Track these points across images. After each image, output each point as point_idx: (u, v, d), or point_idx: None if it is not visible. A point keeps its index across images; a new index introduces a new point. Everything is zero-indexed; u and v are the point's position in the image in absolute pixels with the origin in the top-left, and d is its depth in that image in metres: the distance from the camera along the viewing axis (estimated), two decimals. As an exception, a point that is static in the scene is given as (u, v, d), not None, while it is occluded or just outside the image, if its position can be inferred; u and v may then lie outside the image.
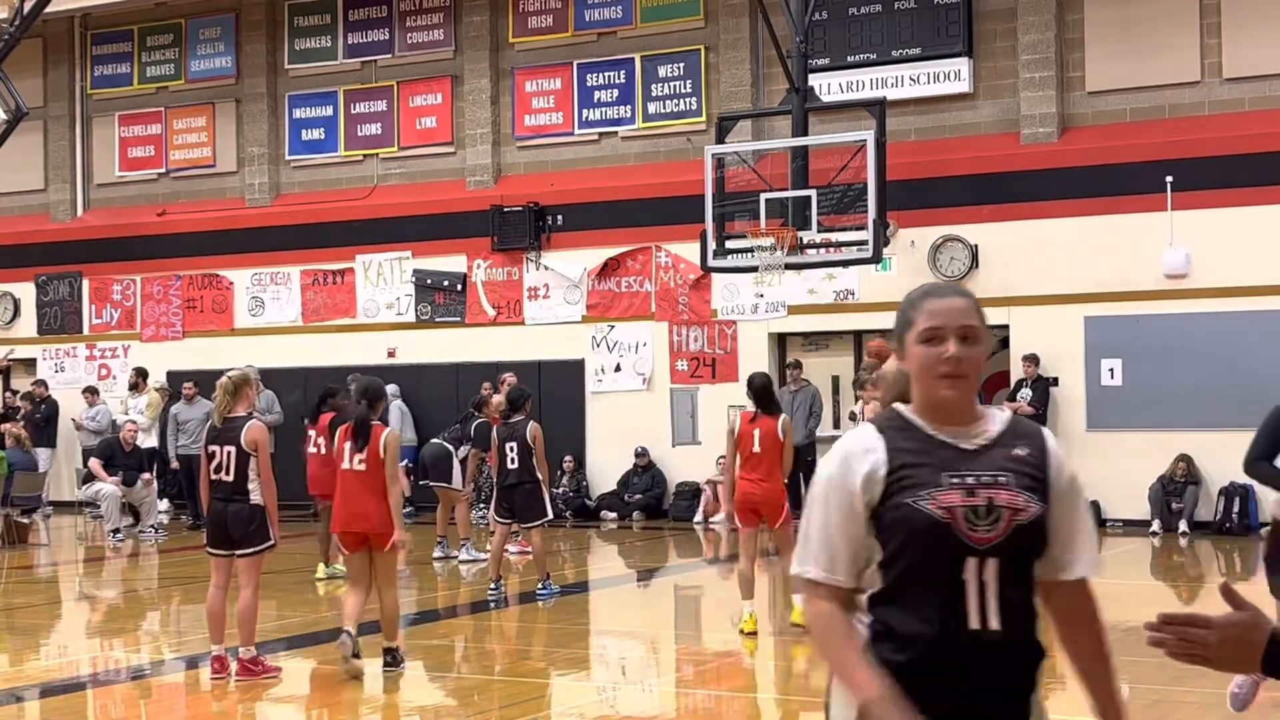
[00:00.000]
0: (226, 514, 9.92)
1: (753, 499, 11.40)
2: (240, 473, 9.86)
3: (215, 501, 10.00)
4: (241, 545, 9.93)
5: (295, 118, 24.78)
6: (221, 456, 9.88)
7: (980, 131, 20.35)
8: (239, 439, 9.86)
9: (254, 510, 9.92)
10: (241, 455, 9.86)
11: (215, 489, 9.98)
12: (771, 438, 11.45)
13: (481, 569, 15.34)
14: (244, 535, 9.90)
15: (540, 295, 22.51)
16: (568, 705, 9.42)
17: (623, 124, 22.42)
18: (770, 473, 11.47)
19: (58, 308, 26.16)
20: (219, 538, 10.00)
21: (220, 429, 9.96)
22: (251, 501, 9.92)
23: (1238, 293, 18.55)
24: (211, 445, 9.98)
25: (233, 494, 9.89)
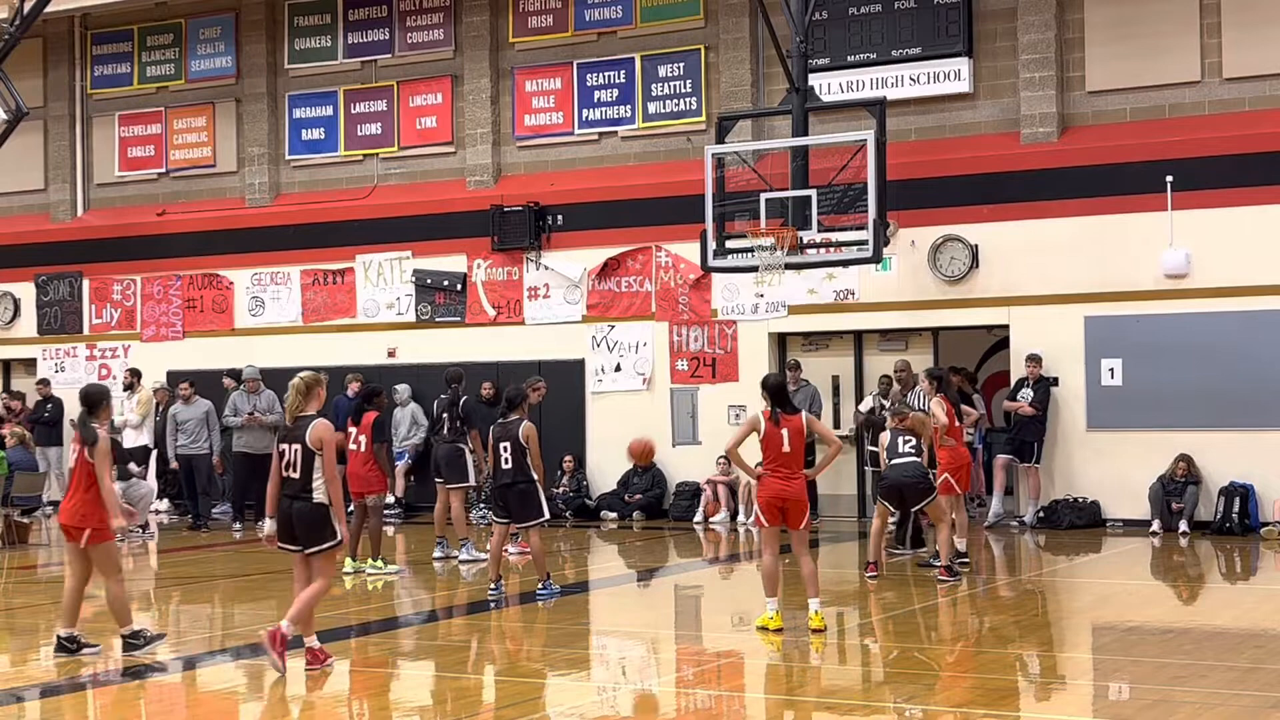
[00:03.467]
0: (291, 511, 10.23)
1: (785, 496, 11.46)
2: (306, 470, 10.15)
3: (283, 499, 10.31)
4: (308, 544, 10.23)
5: (295, 117, 24.79)
6: (290, 454, 10.21)
7: (980, 131, 20.36)
8: (304, 438, 10.16)
9: (316, 508, 10.18)
10: (307, 453, 10.15)
11: (284, 486, 10.29)
12: (799, 436, 11.54)
13: (481, 569, 15.34)
14: (308, 534, 10.20)
15: (540, 295, 22.51)
16: (567, 705, 9.42)
17: (623, 124, 22.42)
18: (798, 469, 11.59)
19: (58, 308, 26.16)
20: (285, 535, 10.34)
21: (290, 428, 10.30)
22: (315, 500, 10.17)
23: (1238, 292, 18.56)
24: (282, 444, 10.31)
25: (299, 492, 10.20)
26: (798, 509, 11.53)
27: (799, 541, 11.73)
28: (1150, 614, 13.29)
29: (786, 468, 11.53)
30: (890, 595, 13.82)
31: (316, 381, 10.45)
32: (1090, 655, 11.18)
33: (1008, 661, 10.69)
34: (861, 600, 13.65)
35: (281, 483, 10.31)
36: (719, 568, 17.48)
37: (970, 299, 19.96)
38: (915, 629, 12.40)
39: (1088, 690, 9.93)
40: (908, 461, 14.35)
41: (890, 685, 9.90)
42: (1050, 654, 11.14)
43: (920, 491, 14.38)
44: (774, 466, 11.56)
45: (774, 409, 11.64)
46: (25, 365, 26.57)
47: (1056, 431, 19.51)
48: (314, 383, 10.41)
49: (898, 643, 11.72)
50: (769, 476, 11.59)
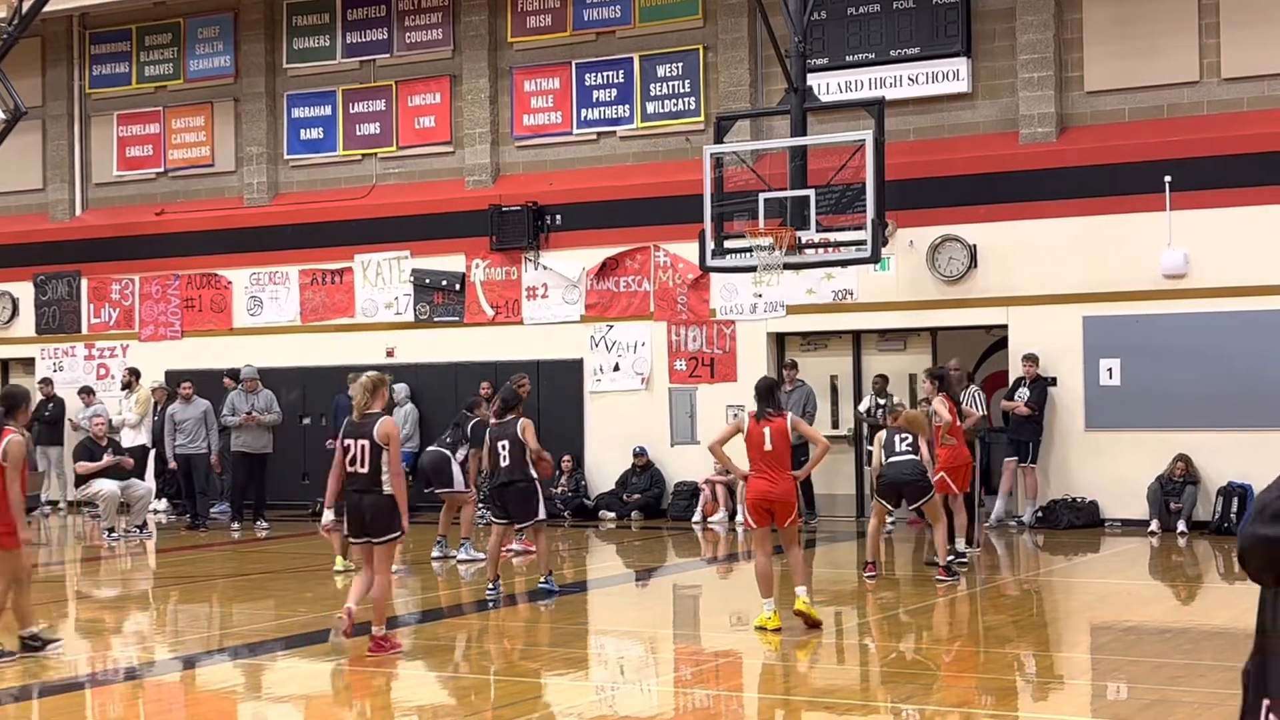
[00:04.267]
0: (362, 504, 10.65)
1: (770, 497, 11.46)
2: (373, 465, 10.58)
3: (350, 493, 10.73)
4: (376, 534, 10.63)
5: (294, 117, 24.78)
6: (356, 450, 10.63)
7: (979, 131, 20.36)
8: (372, 433, 10.58)
9: (387, 500, 10.61)
10: (375, 449, 10.57)
11: (350, 481, 10.71)
12: (782, 436, 11.55)
13: (479, 569, 15.34)
14: (377, 525, 10.60)
15: (539, 295, 22.51)
16: (566, 705, 9.42)
17: (621, 123, 22.42)
18: (783, 471, 11.57)
19: (56, 307, 26.16)
20: (354, 527, 10.79)
21: (357, 424, 10.70)
22: (384, 492, 10.59)
23: (1236, 293, 18.56)
24: (347, 439, 10.72)
25: (369, 485, 10.61)
26: (784, 509, 11.53)
27: (788, 538, 11.75)
28: (1148, 614, 13.29)
29: (770, 468, 11.53)
30: (888, 595, 13.82)
31: (381, 381, 10.92)
32: (1088, 655, 11.19)
33: (1006, 661, 10.69)
34: (859, 600, 13.66)
35: (345, 477, 10.73)
36: (717, 567, 17.49)
37: (969, 299, 19.96)
38: (913, 629, 12.40)
39: (1086, 690, 9.93)
40: (905, 460, 14.36)
41: (888, 685, 9.91)
42: (1048, 654, 11.15)
43: (918, 490, 14.38)
44: (757, 467, 11.59)
45: (759, 407, 11.67)
46: (24, 365, 26.56)
47: (1055, 431, 19.51)
48: (379, 382, 10.87)
49: (895, 643, 11.73)
50: (754, 477, 11.61)
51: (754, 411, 11.71)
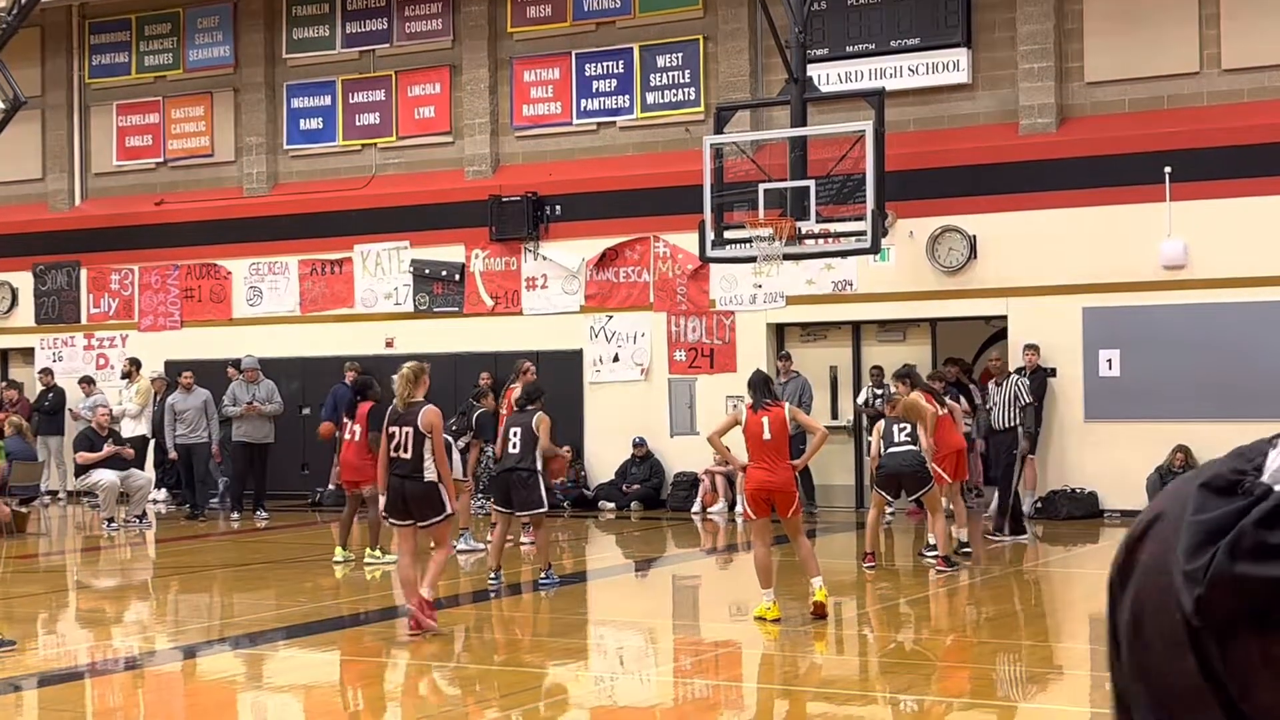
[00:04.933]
0: (405, 490, 11.05)
1: (769, 486, 11.44)
2: (417, 452, 10.99)
3: (394, 478, 11.12)
4: (422, 518, 11.05)
5: (293, 107, 24.77)
6: (400, 437, 11.04)
7: (979, 122, 20.35)
8: (416, 421, 10.98)
9: (429, 486, 11.01)
10: (419, 436, 10.97)
11: (394, 466, 11.10)
12: (780, 425, 11.54)
13: (480, 559, 15.35)
14: (421, 510, 11.02)
15: (538, 285, 22.51)
16: (566, 695, 9.43)
17: (621, 114, 22.41)
18: (782, 460, 11.55)
19: (55, 297, 26.15)
20: (400, 510, 11.13)
21: (401, 413, 11.11)
22: (426, 479, 11.00)
23: (1236, 284, 18.56)
24: (392, 427, 11.13)
25: (411, 471, 11.02)
26: (785, 499, 11.51)
27: (792, 529, 11.73)
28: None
29: (769, 458, 11.51)
30: (887, 585, 13.84)
31: (422, 370, 11.32)
32: (1087, 646, 11.20)
33: (1005, 652, 10.71)
34: (859, 591, 13.67)
35: (389, 463, 11.09)
36: (716, 558, 17.50)
37: (968, 290, 19.96)
38: (912, 619, 12.42)
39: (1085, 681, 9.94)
40: (905, 450, 14.35)
41: (887, 675, 9.92)
42: (1047, 644, 11.16)
43: (918, 480, 14.38)
44: (756, 457, 11.57)
45: (755, 398, 11.69)
46: (23, 355, 26.56)
47: (1054, 422, 19.52)
48: (420, 371, 11.28)
49: (894, 633, 11.74)
50: (753, 467, 11.60)
51: (750, 403, 11.72)
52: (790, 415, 11.77)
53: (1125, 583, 1.10)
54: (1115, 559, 1.12)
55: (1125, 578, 1.11)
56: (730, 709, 9.12)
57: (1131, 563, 1.11)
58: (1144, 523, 1.10)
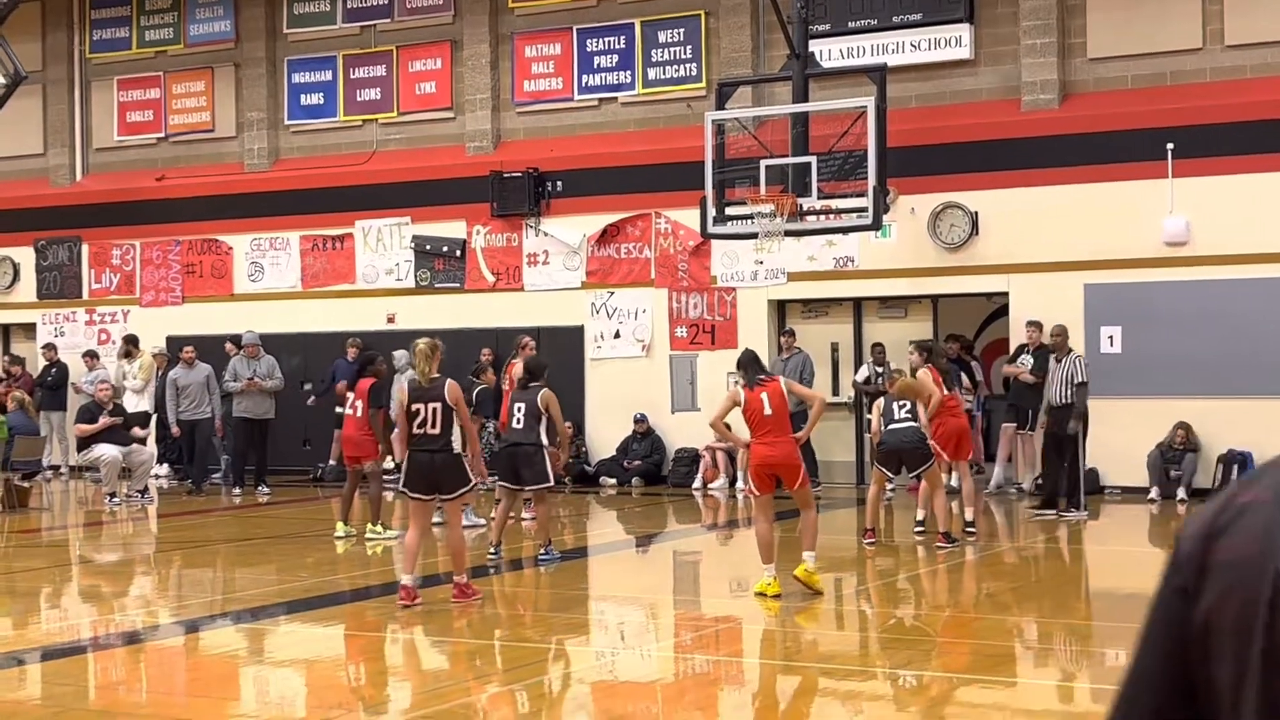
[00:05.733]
0: (435, 463, 11.13)
1: (771, 461, 11.44)
2: (445, 425, 11.12)
3: (419, 453, 11.18)
4: (449, 491, 11.22)
5: (294, 82, 24.72)
6: (426, 413, 11.13)
7: (981, 98, 20.31)
8: (443, 395, 11.14)
9: (456, 460, 11.19)
10: (446, 409, 11.10)
11: (420, 442, 11.15)
12: (779, 399, 11.53)
13: (481, 534, 15.38)
14: (450, 483, 11.18)
15: (540, 261, 22.50)
16: (567, 669, 9.46)
17: (622, 89, 22.37)
18: (783, 433, 11.55)
19: (57, 272, 26.15)
20: (423, 484, 11.20)
21: (425, 388, 11.21)
22: (454, 451, 11.16)
23: (1238, 260, 18.55)
24: (416, 403, 11.17)
25: (442, 446, 11.14)
26: (790, 471, 11.51)
27: (802, 499, 11.72)
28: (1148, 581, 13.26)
29: (771, 433, 11.51)
30: (887, 562, 13.86)
31: (436, 345, 11.44)
32: (1088, 621, 11.23)
33: (1005, 628, 10.73)
34: (859, 567, 13.69)
35: (412, 439, 11.17)
36: (717, 534, 17.53)
37: (970, 266, 19.95)
38: (912, 595, 12.45)
39: (1085, 656, 9.97)
40: (906, 427, 14.36)
41: (887, 651, 9.95)
42: (1047, 620, 11.18)
43: (919, 456, 14.39)
44: (759, 433, 11.57)
45: (748, 377, 11.68)
46: (25, 330, 26.57)
47: (1055, 399, 19.50)
48: (434, 347, 11.40)
49: (894, 609, 11.77)
50: (755, 443, 11.59)
51: (744, 382, 11.71)
52: (786, 388, 11.77)
53: (1203, 581, 1.01)
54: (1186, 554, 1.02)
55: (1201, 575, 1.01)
56: (730, 684, 9.15)
57: (1213, 559, 1.02)
58: (1227, 513, 1.00)
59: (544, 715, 8.17)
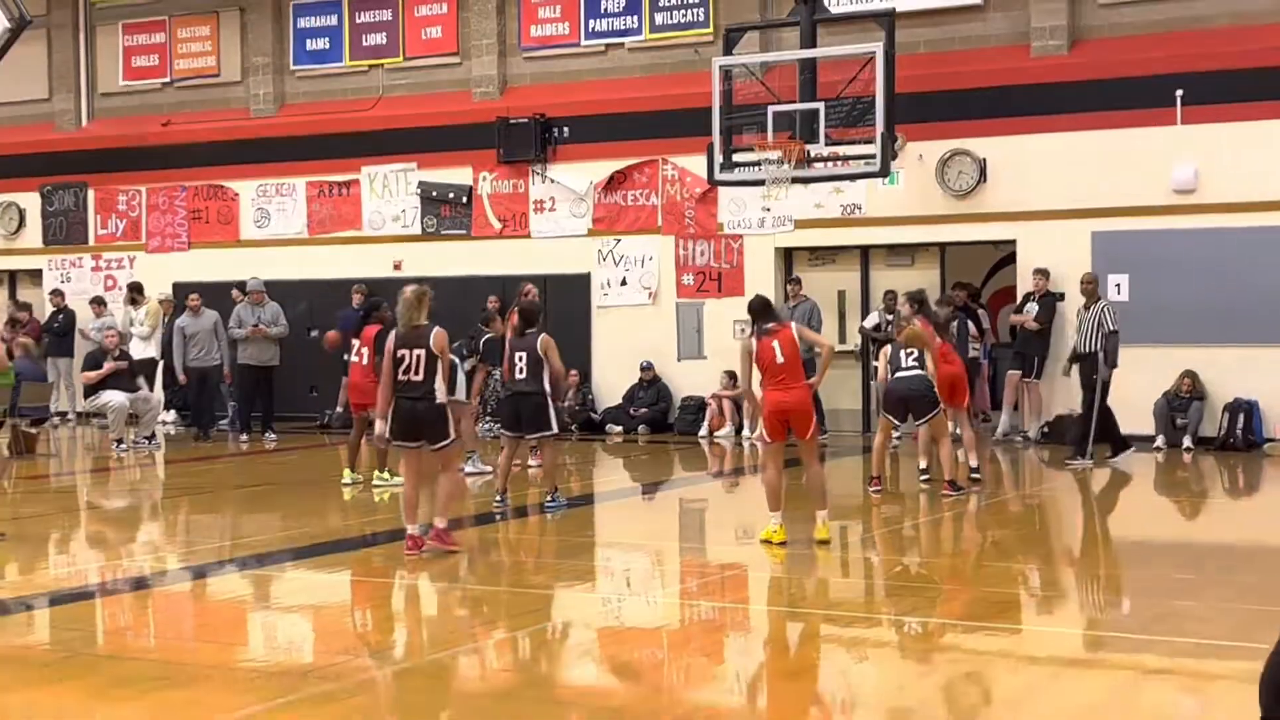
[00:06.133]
0: (416, 411, 11.08)
1: (785, 406, 11.42)
2: (429, 373, 11.04)
3: (403, 400, 11.11)
4: (433, 440, 11.13)
5: (300, 27, 24.61)
6: (410, 359, 11.06)
7: (990, 44, 20.20)
8: (428, 343, 11.05)
9: (440, 408, 11.11)
10: (430, 357, 11.04)
11: (404, 389, 11.09)
12: (790, 344, 11.52)
13: (488, 481, 15.42)
14: (433, 432, 11.09)
15: (546, 208, 22.45)
16: (573, 616, 9.50)
17: (629, 35, 22.25)
18: (797, 379, 11.53)
19: (63, 218, 26.12)
20: (408, 433, 11.15)
21: (408, 335, 11.12)
22: (437, 400, 11.09)
23: (1246, 208, 18.49)
24: (401, 350, 11.11)
25: (424, 394, 11.05)
26: (802, 419, 11.51)
27: (808, 452, 11.73)
28: (1153, 529, 13.35)
29: (785, 379, 11.50)
30: (893, 509, 13.89)
31: (424, 293, 11.27)
32: (1091, 569, 11.25)
33: (1010, 575, 10.76)
34: (864, 514, 13.72)
35: (397, 385, 11.08)
36: (723, 481, 17.56)
37: (978, 214, 19.88)
38: (918, 543, 12.47)
39: (1088, 604, 10.00)
40: (912, 375, 14.34)
41: (892, 598, 9.97)
42: (1052, 568, 11.21)
43: (926, 404, 14.37)
44: (772, 379, 11.56)
45: (758, 325, 11.65)
46: (31, 276, 26.57)
47: (1062, 347, 19.48)
48: (422, 294, 11.23)
49: (900, 556, 11.80)
50: (768, 389, 11.58)
51: (755, 330, 11.69)
52: (797, 334, 11.75)
53: None
54: None
55: None
56: (736, 631, 9.18)
57: None
58: None
59: (550, 661, 8.20)
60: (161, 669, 7.84)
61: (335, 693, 7.27)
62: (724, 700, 7.23)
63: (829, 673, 7.99)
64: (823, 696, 7.42)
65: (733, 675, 7.95)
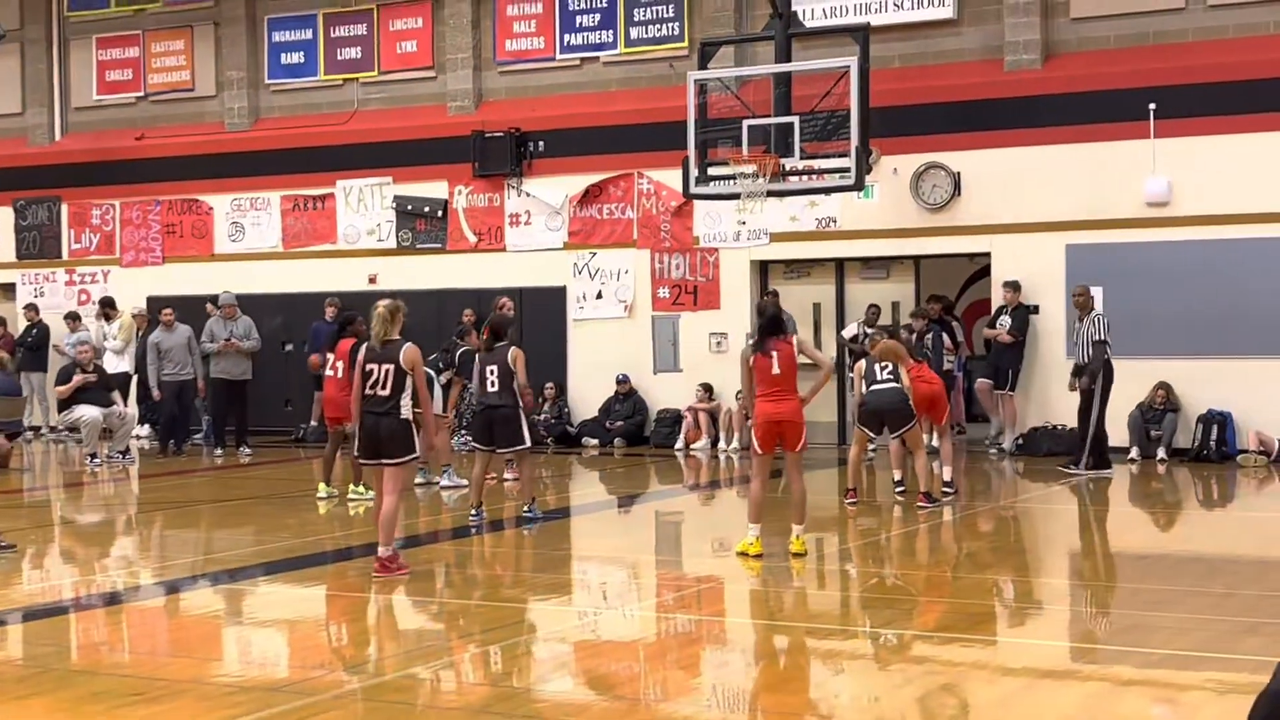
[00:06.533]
0: (379, 426, 10.94)
1: (777, 417, 11.39)
2: (396, 389, 10.90)
3: (367, 414, 11.00)
4: (390, 456, 10.97)
5: (274, 41, 24.58)
6: (379, 373, 10.94)
7: (964, 58, 20.28)
8: (398, 358, 10.90)
9: (404, 424, 10.94)
10: (399, 373, 10.89)
11: (369, 403, 10.97)
12: (789, 360, 11.50)
13: (463, 495, 15.39)
14: (393, 448, 10.94)
15: (522, 222, 22.45)
16: (549, 630, 9.48)
17: (604, 49, 22.28)
18: (790, 392, 11.53)
19: (36, 232, 26.03)
20: (370, 450, 11.05)
21: (380, 350, 10.99)
22: (401, 416, 10.92)
23: (1219, 221, 18.59)
24: (370, 364, 10.99)
25: (389, 409, 10.91)
26: (793, 430, 11.49)
27: (793, 465, 11.72)
28: (1127, 540, 13.39)
29: (779, 391, 11.49)
30: (869, 521, 13.90)
31: (398, 308, 11.15)
32: (1067, 581, 11.27)
33: (984, 587, 10.77)
34: (840, 526, 13.73)
35: (364, 399, 10.97)
36: (699, 494, 17.56)
37: (952, 227, 19.95)
38: (893, 555, 12.49)
39: (1064, 615, 10.01)
40: (888, 387, 14.38)
41: (868, 610, 9.98)
42: (1026, 579, 11.23)
43: (901, 417, 14.41)
44: (765, 390, 11.53)
45: (760, 338, 11.60)
46: (4, 290, 26.46)
47: (1036, 359, 19.57)
48: (396, 309, 11.11)
49: (876, 568, 11.80)
50: (761, 400, 11.54)
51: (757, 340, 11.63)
52: (798, 348, 11.72)
53: None
54: None
55: None
56: (712, 644, 9.18)
57: None
58: None
59: (526, 675, 8.19)
60: (135, 684, 7.81)
61: (309, 707, 7.24)
62: (701, 713, 7.23)
63: (806, 685, 7.99)
64: (799, 709, 7.42)
65: (709, 688, 7.94)
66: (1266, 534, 13.52)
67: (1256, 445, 18.22)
